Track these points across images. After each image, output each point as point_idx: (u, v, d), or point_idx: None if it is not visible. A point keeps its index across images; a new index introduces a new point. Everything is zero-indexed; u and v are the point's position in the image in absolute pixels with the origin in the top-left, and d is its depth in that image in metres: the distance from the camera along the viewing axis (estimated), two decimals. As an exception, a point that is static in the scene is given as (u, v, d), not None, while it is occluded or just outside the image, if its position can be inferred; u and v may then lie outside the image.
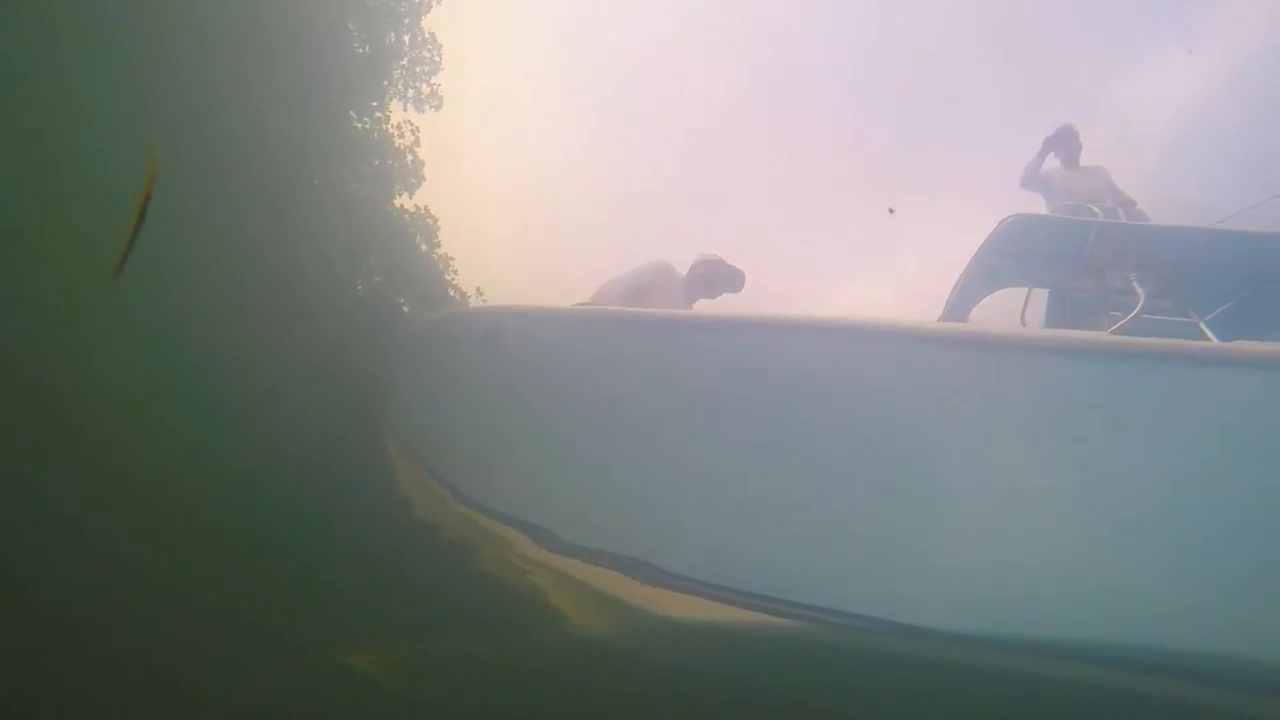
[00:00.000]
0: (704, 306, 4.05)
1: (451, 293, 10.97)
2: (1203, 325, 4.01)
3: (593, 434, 3.06)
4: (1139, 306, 3.86)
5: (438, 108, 11.56)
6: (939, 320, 4.92)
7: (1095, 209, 4.75)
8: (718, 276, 4.06)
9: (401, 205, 10.71)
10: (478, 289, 10.87)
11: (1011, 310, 4.81)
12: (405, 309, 9.87)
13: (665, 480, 2.85)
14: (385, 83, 10.82)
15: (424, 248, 11.06)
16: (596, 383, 3.08)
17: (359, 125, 10.43)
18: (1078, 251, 4.22)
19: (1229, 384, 2.52)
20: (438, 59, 11.35)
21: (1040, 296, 4.80)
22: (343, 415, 5.48)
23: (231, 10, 7.94)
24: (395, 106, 10.84)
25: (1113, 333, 3.83)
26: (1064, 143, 5.40)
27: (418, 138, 10.95)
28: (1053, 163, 5.41)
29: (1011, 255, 4.37)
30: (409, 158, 10.92)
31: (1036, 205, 5.25)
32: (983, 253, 4.43)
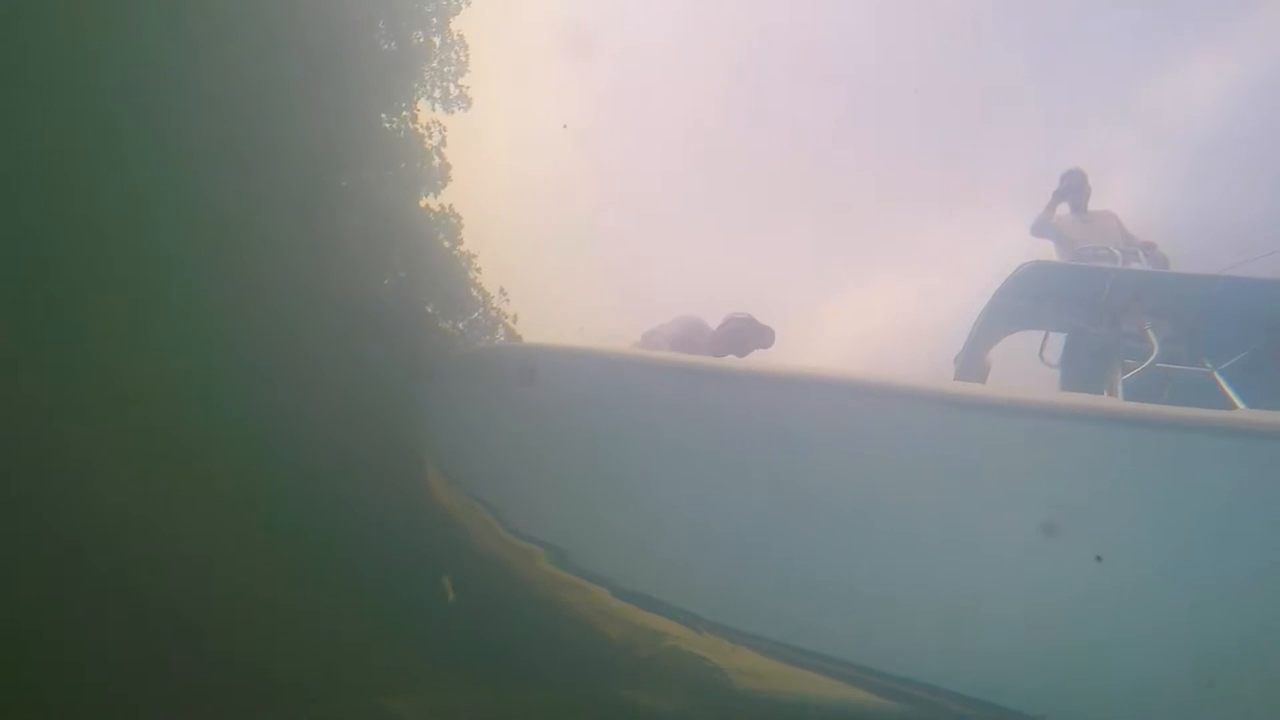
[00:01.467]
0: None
1: (474, 292, 11.07)
2: (1216, 374, 4.09)
3: (629, 476, 3.15)
4: (1154, 355, 3.94)
5: (466, 108, 11.64)
6: (957, 357, 5.02)
7: (1115, 251, 4.81)
8: (749, 334, 4.18)
9: (427, 205, 10.82)
10: (500, 289, 10.99)
11: (1029, 349, 4.90)
12: (429, 310, 10.03)
13: (716, 531, 2.92)
14: (415, 84, 10.92)
15: (447, 244, 11.13)
16: (634, 426, 3.15)
17: (388, 125, 10.55)
18: (1093, 297, 4.30)
19: (1227, 454, 2.54)
20: (465, 60, 11.43)
21: (1057, 335, 4.88)
22: (375, 430, 5.62)
23: (260, 8, 8.01)
24: (423, 106, 10.93)
25: (1127, 380, 3.94)
26: (1072, 189, 5.46)
27: (444, 138, 11.03)
28: (1063, 209, 5.46)
29: (1028, 299, 4.46)
30: (435, 158, 11.01)
31: (1049, 252, 5.32)
32: (999, 296, 4.51)
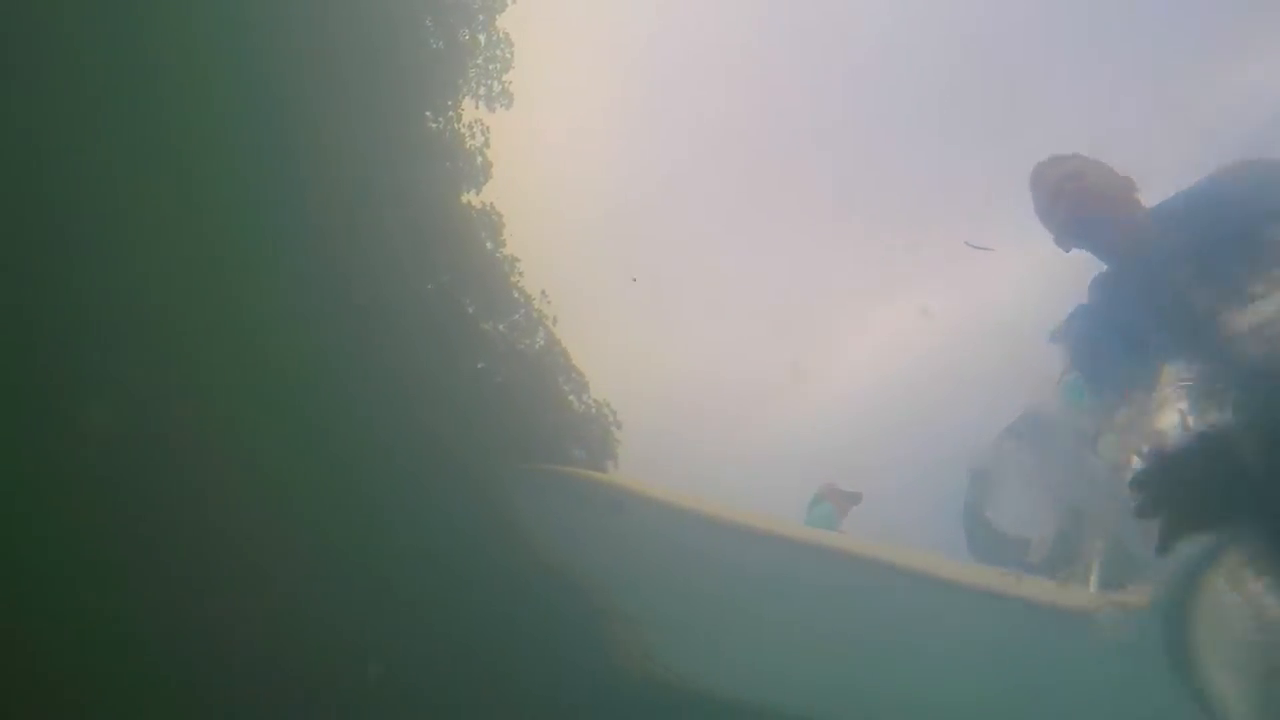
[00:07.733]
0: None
1: (516, 294, 11.22)
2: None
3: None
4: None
5: (508, 106, 11.49)
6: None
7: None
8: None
9: (469, 202, 10.86)
10: (542, 291, 11.17)
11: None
12: (470, 309, 10.32)
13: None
14: (459, 80, 10.80)
15: (489, 246, 11.20)
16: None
17: (433, 126, 10.53)
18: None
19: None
20: (509, 57, 11.25)
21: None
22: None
23: (309, 7, 8.05)
24: (468, 104, 10.84)
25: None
26: None
27: (488, 137, 10.96)
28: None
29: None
30: (479, 159, 10.96)
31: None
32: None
